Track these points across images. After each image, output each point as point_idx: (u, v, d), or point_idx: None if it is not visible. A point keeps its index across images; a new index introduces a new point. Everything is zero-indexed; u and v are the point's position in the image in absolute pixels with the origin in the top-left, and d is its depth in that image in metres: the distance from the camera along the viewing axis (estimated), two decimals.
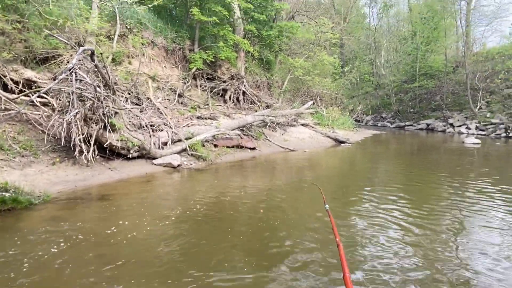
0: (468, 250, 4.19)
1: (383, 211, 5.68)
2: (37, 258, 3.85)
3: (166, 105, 12.24)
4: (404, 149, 15.16)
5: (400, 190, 7.26)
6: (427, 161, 11.39)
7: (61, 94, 7.60)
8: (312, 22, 23.56)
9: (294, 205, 6.14)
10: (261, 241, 4.47)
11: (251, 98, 16.41)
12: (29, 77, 8.74)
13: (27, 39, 9.11)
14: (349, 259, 3.93)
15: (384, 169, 10.01)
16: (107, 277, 3.50)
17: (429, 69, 28.78)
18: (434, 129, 24.62)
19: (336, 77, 27.40)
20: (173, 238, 4.53)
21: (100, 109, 7.67)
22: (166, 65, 14.20)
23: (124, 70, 11.77)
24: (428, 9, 29.75)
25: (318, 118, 19.42)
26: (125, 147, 8.43)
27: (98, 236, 4.52)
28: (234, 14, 16.23)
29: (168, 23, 14.94)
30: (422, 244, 4.33)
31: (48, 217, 5.20)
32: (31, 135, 7.95)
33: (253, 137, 13.18)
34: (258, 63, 19.09)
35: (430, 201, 6.34)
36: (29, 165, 7.08)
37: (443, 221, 5.27)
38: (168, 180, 8.00)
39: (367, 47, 40.10)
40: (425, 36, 29.19)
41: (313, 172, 9.35)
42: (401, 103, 31.34)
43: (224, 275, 3.56)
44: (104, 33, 11.62)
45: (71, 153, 7.61)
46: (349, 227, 5.00)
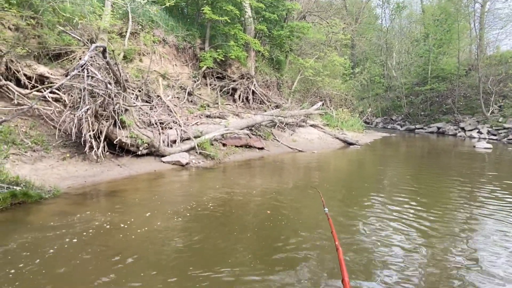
0: (477, 256, 4.13)
1: (391, 215, 5.63)
2: (46, 251, 3.90)
3: (176, 103, 12.30)
4: (414, 152, 15.01)
5: (409, 193, 7.19)
6: (437, 165, 11.25)
7: (73, 90, 7.69)
8: (324, 23, 23.44)
9: (301, 207, 6.12)
10: (266, 241, 4.47)
11: (260, 97, 16.40)
12: (42, 72, 8.85)
13: (41, 35, 9.22)
14: (352, 263, 3.91)
15: (393, 172, 9.92)
16: (116, 270, 3.54)
17: (441, 72, 28.42)
18: (445, 132, 24.32)
19: (347, 78, 27.22)
20: (180, 235, 4.57)
21: (110, 106, 7.74)
22: (177, 63, 14.26)
23: (135, 67, 11.86)
24: (442, 11, 29.39)
25: (327, 119, 19.33)
26: (134, 144, 8.49)
27: (107, 231, 4.56)
28: (245, 13, 16.23)
29: (180, 21, 15.00)
30: (430, 249, 4.28)
31: (58, 212, 5.27)
32: (42, 130, 8.05)
33: (261, 137, 13.17)
34: (268, 62, 19.07)
35: (439, 205, 6.26)
36: (40, 160, 7.18)
37: (452, 225, 5.20)
38: (177, 178, 8.04)
39: (378, 49, 39.76)
40: (437, 38, 28.84)
41: (321, 174, 9.30)
42: (411, 105, 31.00)
43: (228, 272, 3.58)
44: (116, 30, 11.73)
45: (81, 149, 7.70)
46: (355, 230, 4.96)
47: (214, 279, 3.46)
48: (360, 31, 35.11)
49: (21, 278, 3.36)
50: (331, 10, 25.96)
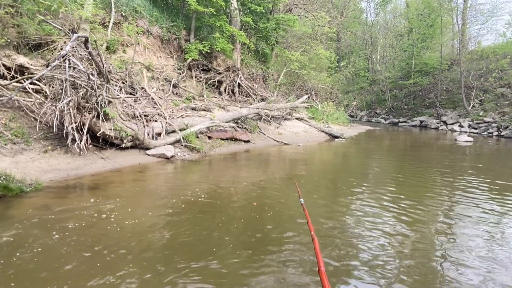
0: (454, 243, 4.24)
1: (374, 205, 5.72)
2: (27, 245, 3.82)
3: (161, 96, 12.14)
4: (397, 145, 15.24)
5: (391, 184, 7.31)
6: (420, 157, 11.47)
7: (54, 82, 7.48)
8: (309, 16, 23.44)
9: (286, 198, 6.15)
10: (252, 232, 4.48)
11: (246, 90, 16.34)
12: (22, 63, 8.60)
13: (20, 24, 8.93)
14: (334, 252, 3.96)
15: (376, 164, 10.07)
16: (101, 263, 3.50)
17: (424, 66, 28.87)
18: (428, 126, 24.78)
19: (332, 71, 27.38)
20: (165, 227, 4.54)
21: (93, 98, 7.58)
22: (161, 54, 14.05)
23: (119, 58, 11.63)
24: (425, 6, 29.76)
25: (312, 113, 19.43)
26: (118, 136, 8.37)
27: (91, 224, 4.50)
28: (231, 5, 16.08)
29: (164, 12, 14.75)
30: (409, 238, 4.37)
31: (40, 205, 5.16)
32: (23, 122, 7.84)
33: (247, 130, 13.15)
34: (254, 55, 18.98)
35: (421, 196, 6.40)
36: (21, 153, 7.00)
37: (433, 215, 5.32)
38: (162, 171, 7.97)
39: (363, 43, 40.04)
40: (421, 33, 29.23)
41: (306, 166, 9.37)
42: (395, 99, 31.44)
43: (213, 264, 3.58)
44: (98, 20, 11.45)
45: (64, 142, 7.54)
46: (335, 222, 5.02)
47: (201, 270, 3.46)
48: (345, 25, 35.25)
49: (3, 273, 3.28)
50: (317, 3, 25.90)
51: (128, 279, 3.28)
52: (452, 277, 3.49)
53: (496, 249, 4.16)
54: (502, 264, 3.79)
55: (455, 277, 3.50)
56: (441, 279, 3.47)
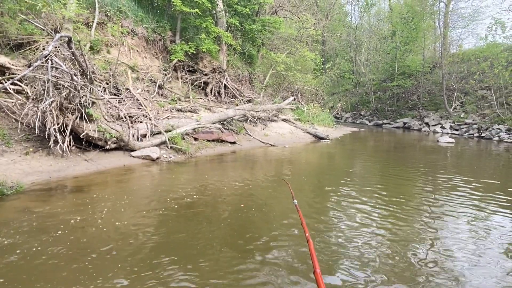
0: (439, 242, 4.32)
1: (359, 205, 5.79)
2: (11, 249, 3.73)
3: (146, 97, 12.02)
4: (381, 146, 15.46)
5: (376, 184, 7.41)
6: (403, 158, 11.65)
7: (36, 82, 7.33)
8: (295, 18, 23.59)
9: (272, 200, 6.17)
10: (239, 233, 4.48)
11: (232, 92, 16.33)
12: (3, 63, 8.39)
13: (1, 23, 8.73)
14: (323, 253, 3.99)
15: (361, 165, 10.18)
16: (82, 268, 3.43)
17: (407, 69, 29.38)
18: (410, 127, 25.20)
19: (317, 73, 27.63)
20: (149, 229, 4.49)
21: (76, 99, 7.46)
22: (146, 55, 13.93)
23: (103, 59, 11.47)
24: (408, 9, 30.29)
25: (298, 114, 19.55)
26: (102, 138, 8.25)
27: (74, 227, 4.42)
28: (217, 6, 16.05)
29: (149, 12, 14.63)
30: (394, 236, 4.44)
31: (21, 208, 5.05)
32: (3, 123, 7.65)
33: (233, 131, 13.13)
34: (240, 57, 18.99)
35: (404, 195, 6.50)
36: (1, 155, 6.84)
37: (415, 213, 5.41)
38: (147, 173, 7.88)
39: (348, 45, 40.54)
40: (404, 36, 29.73)
41: (292, 167, 9.41)
42: (379, 101, 31.89)
43: (199, 266, 3.55)
44: (82, 20, 11.29)
45: (46, 143, 7.39)
46: (324, 221, 5.06)
47: (188, 271, 3.43)
48: (330, 28, 35.65)
49: None
50: (302, 6, 26.12)
51: (111, 282, 3.23)
52: (443, 273, 3.56)
53: (479, 242, 4.26)
54: (488, 256, 3.88)
55: (445, 271, 3.57)
56: (431, 275, 3.53)
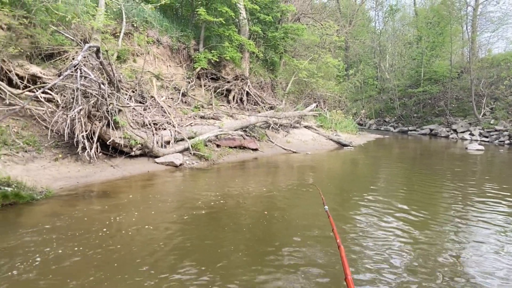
0: (469, 255, 4.16)
1: (384, 214, 5.66)
2: (40, 252, 3.86)
3: (170, 104, 12.25)
4: (406, 153, 15.11)
5: (401, 194, 7.24)
6: (429, 166, 11.34)
7: (66, 91, 7.61)
8: (318, 25, 23.55)
9: (296, 207, 6.13)
10: (260, 240, 4.46)
11: (254, 99, 16.41)
12: (34, 72, 8.77)
13: (33, 34, 9.13)
14: (351, 261, 3.92)
15: (386, 173, 9.98)
16: (106, 271, 3.51)
17: (434, 74, 28.69)
18: (437, 134, 24.52)
19: (340, 80, 27.38)
20: (174, 234, 4.55)
21: (104, 106, 7.69)
22: (171, 64, 14.22)
23: (129, 68, 11.79)
24: (434, 14, 29.69)
25: (321, 121, 19.40)
26: (127, 145, 8.45)
27: (99, 232, 4.53)
28: (240, 15, 16.24)
29: (174, 22, 14.97)
30: (423, 247, 4.31)
31: (50, 213, 5.22)
32: (34, 130, 7.97)
33: (255, 138, 13.17)
34: (262, 64, 19.10)
35: (431, 203, 6.31)
36: (32, 161, 7.11)
37: (443, 222, 5.24)
38: (170, 179, 8.00)
39: (371, 51, 40.02)
40: (430, 41, 29.11)
41: (315, 175, 9.33)
42: (404, 107, 31.24)
43: (221, 271, 3.56)
44: (110, 30, 11.66)
45: (74, 150, 7.63)
46: (350, 231, 4.98)
47: (208, 276, 3.45)
48: (353, 34, 35.34)
49: (16, 281, 3.32)
50: (325, 12, 26.08)
51: (136, 285, 3.29)
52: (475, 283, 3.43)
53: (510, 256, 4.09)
54: None
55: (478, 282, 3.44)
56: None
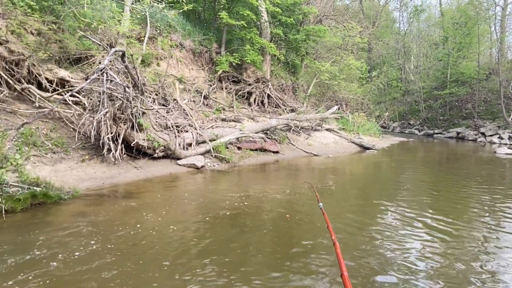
0: (494, 264, 4.02)
1: (407, 221, 5.53)
2: (68, 251, 3.98)
3: (192, 107, 12.42)
4: (432, 157, 14.74)
5: (426, 199, 7.06)
6: (456, 170, 11.02)
7: (92, 94, 7.85)
8: (340, 26, 23.33)
9: (318, 210, 6.08)
10: (282, 244, 4.45)
11: (275, 101, 16.41)
12: (63, 76, 9.08)
13: (62, 39, 9.46)
14: (381, 265, 3.86)
15: (410, 177, 9.76)
16: (129, 269, 3.59)
17: (461, 76, 27.86)
18: (465, 138, 23.79)
19: (363, 82, 26.98)
20: (194, 235, 4.61)
21: (128, 109, 7.87)
22: (193, 67, 14.41)
23: (153, 71, 12.03)
24: (461, 14, 28.89)
25: (343, 124, 19.18)
26: (151, 146, 8.61)
27: (124, 232, 4.63)
28: (262, 18, 16.29)
29: (197, 26, 15.18)
30: (450, 254, 4.19)
31: (77, 212, 5.38)
32: (62, 132, 8.24)
33: (276, 141, 13.16)
34: (283, 66, 19.08)
35: (458, 211, 6.12)
36: (60, 162, 7.34)
37: (472, 230, 5.07)
38: (192, 181, 8.10)
39: (396, 52, 39.30)
40: (457, 42, 28.32)
41: (336, 178, 9.23)
42: (430, 110, 30.47)
43: (241, 276, 3.58)
44: (134, 35, 11.94)
45: (100, 151, 7.84)
46: (370, 236, 4.89)
47: (227, 277, 3.47)
48: (377, 35, 34.79)
49: (45, 277, 3.43)
50: (347, 14, 25.80)
51: (157, 283, 3.34)
52: None
53: None
54: None
55: None
56: None
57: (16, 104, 8.26)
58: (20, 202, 5.25)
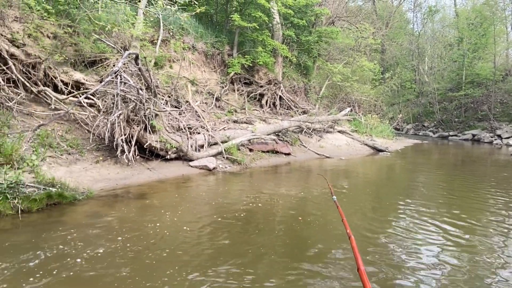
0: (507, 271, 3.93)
1: (420, 225, 5.45)
2: (80, 250, 4.04)
3: (204, 109, 12.49)
4: (447, 160, 14.50)
5: (440, 202, 6.94)
6: (472, 173, 10.82)
7: (107, 96, 7.96)
8: (353, 28, 23.18)
9: (330, 213, 6.04)
10: (294, 246, 4.43)
11: (287, 103, 16.38)
12: (78, 79, 9.24)
13: (77, 43, 9.64)
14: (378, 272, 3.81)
15: (424, 180, 9.62)
16: (142, 269, 3.62)
17: (476, 77, 27.34)
18: (480, 140, 23.33)
19: (376, 83, 26.71)
20: (206, 236, 4.65)
21: (141, 111, 7.96)
22: (205, 69, 14.50)
23: (165, 73, 12.15)
24: (477, 14, 28.38)
25: (355, 125, 19.01)
26: (163, 148, 8.68)
27: (137, 232, 4.68)
28: (274, 20, 16.30)
29: (209, 28, 15.27)
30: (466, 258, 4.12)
31: (91, 213, 5.46)
32: (77, 134, 8.38)
33: (288, 143, 13.13)
34: (295, 68, 19.03)
35: (473, 213, 6.00)
36: (75, 163, 7.47)
37: (489, 233, 4.97)
38: (204, 182, 8.14)
39: (409, 53, 38.79)
40: (472, 43, 27.83)
41: (349, 180, 9.15)
42: (445, 112, 29.98)
43: (253, 277, 3.57)
44: (148, 38, 12.08)
45: (114, 153, 7.94)
46: (384, 241, 4.84)
47: (240, 278, 3.48)
48: (390, 36, 34.43)
49: (63, 275, 3.49)
50: (360, 15, 25.62)
51: (170, 283, 3.37)
52: None
53: None
54: None
55: None
56: None
57: (33, 106, 8.44)
58: (36, 202, 5.36)
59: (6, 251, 3.99)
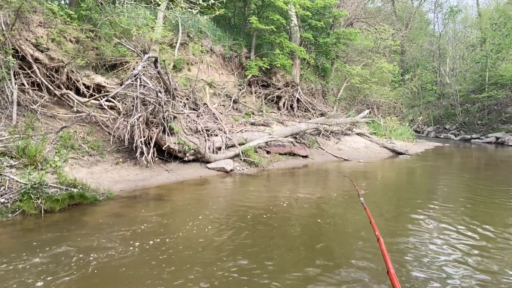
0: None
1: (445, 228, 5.31)
2: (97, 250, 4.12)
3: (222, 111, 12.56)
4: (469, 163, 14.13)
5: (462, 207, 6.75)
6: (496, 177, 10.49)
7: (127, 99, 8.11)
8: (372, 29, 22.91)
9: (348, 215, 5.96)
10: (311, 249, 4.39)
11: (305, 105, 16.32)
12: (99, 82, 9.45)
13: (99, 47, 9.86)
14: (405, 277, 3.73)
15: (445, 184, 9.39)
16: (160, 270, 3.65)
17: (500, 78, 26.60)
18: (505, 143, 22.65)
19: (396, 85, 26.35)
20: (224, 238, 4.64)
21: (160, 113, 8.07)
22: (223, 72, 14.59)
23: (184, 76, 12.29)
24: (500, 14, 27.68)
25: (374, 128, 18.77)
26: (181, 150, 8.76)
27: (155, 232, 4.73)
28: (291, 22, 16.29)
29: (227, 31, 15.38)
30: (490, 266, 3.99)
31: (112, 213, 5.55)
32: (98, 136, 8.56)
33: (306, 145, 13.06)
34: (313, 70, 18.94)
35: (496, 221, 5.82)
36: (96, 164, 7.62)
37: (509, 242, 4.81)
38: (221, 184, 8.17)
39: (430, 55, 38.08)
40: (496, 43, 27.12)
41: (367, 183, 9.02)
42: (467, 114, 29.27)
43: (268, 281, 3.55)
44: (167, 41, 12.25)
45: (133, 154, 8.07)
46: (404, 247, 4.74)
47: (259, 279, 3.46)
48: (410, 37, 33.86)
49: (80, 275, 3.57)
50: (379, 16, 25.27)
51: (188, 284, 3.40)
52: None
53: None
54: None
55: None
56: None
57: (56, 108, 8.68)
58: (59, 202, 5.49)
59: (34, 249, 4.10)
